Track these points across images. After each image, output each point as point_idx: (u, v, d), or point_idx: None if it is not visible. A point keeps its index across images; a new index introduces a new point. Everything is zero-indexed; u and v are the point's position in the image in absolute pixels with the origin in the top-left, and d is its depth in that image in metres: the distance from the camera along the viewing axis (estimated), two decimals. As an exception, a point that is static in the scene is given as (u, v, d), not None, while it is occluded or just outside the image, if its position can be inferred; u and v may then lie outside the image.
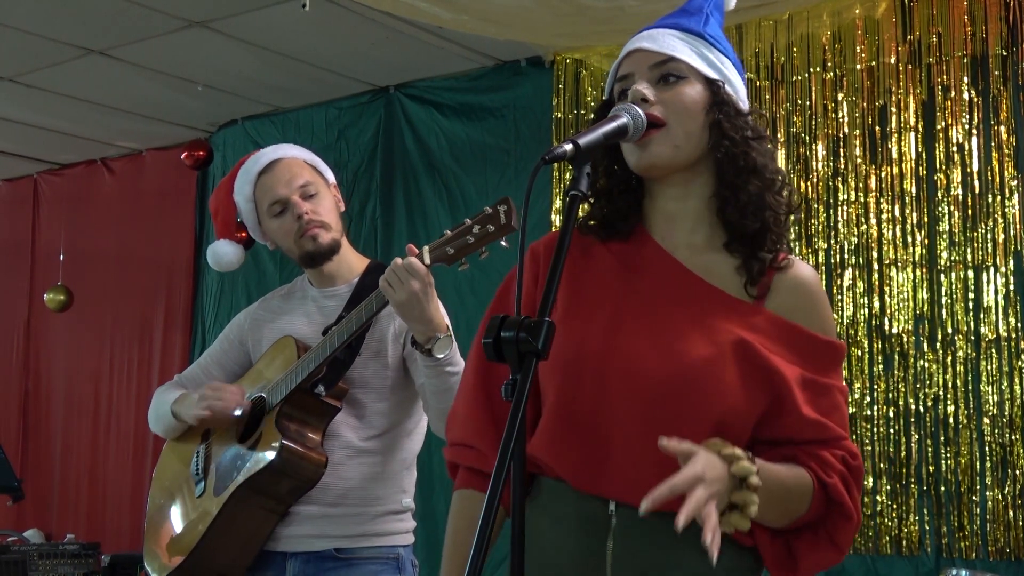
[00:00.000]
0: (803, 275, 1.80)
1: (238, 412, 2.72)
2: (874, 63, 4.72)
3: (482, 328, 1.88)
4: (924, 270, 4.56)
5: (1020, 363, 4.36)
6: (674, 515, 1.53)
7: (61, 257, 7.38)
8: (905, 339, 4.56)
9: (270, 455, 2.61)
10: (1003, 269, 4.41)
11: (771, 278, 1.77)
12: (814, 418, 1.71)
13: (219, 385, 2.79)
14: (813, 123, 4.84)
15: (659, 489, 1.49)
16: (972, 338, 4.44)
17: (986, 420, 4.38)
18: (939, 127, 4.58)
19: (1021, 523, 4.28)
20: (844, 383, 1.80)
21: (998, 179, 4.45)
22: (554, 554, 1.73)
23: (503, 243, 2.36)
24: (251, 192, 2.84)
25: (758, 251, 1.76)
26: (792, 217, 1.82)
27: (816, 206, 4.79)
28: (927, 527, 4.44)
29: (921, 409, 4.50)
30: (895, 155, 4.65)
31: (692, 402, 1.67)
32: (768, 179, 1.77)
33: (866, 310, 4.65)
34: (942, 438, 4.45)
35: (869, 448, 4.55)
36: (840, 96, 4.79)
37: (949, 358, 4.47)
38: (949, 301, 4.50)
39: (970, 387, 4.43)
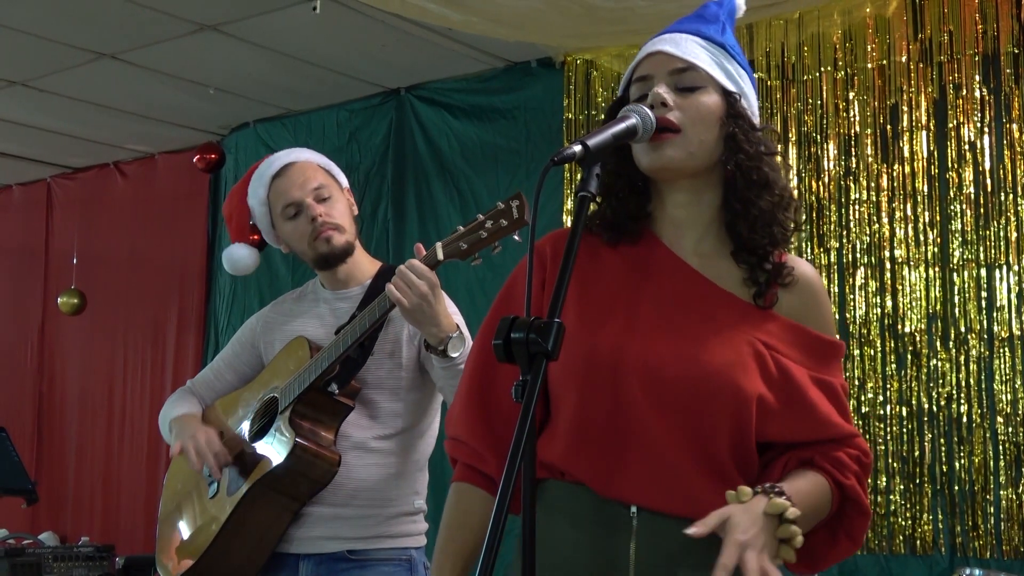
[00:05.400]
0: (805, 275, 1.83)
1: (205, 472, 2.76)
2: (885, 62, 4.71)
3: (483, 328, 1.89)
4: (936, 269, 4.54)
5: (1033, 362, 4.35)
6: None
7: (74, 260, 7.41)
8: (918, 338, 4.55)
9: (284, 454, 2.61)
10: (1016, 267, 4.39)
11: (777, 289, 1.80)
12: (826, 419, 1.75)
13: (204, 440, 2.75)
14: (824, 122, 4.83)
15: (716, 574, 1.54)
16: (985, 337, 4.43)
17: (999, 419, 4.37)
18: (951, 125, 4.56)
19: (1035, 522, 4.27)
20: (843, 378, 1.85)
21: (1010, 177, 4.43)
22: (573, 556, 1.73)
23: (516, 237, 2.38)
24: (265, 195, 2.85)
25: (764, 263, 1.79)
26: (797, 232, 1.87)
27: (828, 205, 4.78)
28: (941, 526, 4.43)
29: (934, 408, 4.49)
30: (907, 154, 4.64)
31: (713, 406, 1.69)
32: (778, 195, 1.79)
33: (878, 309, 4.64)
34: (955, 437, 4.44)
35: (882, 448, 4.54)
36: (851, 95, 4.78)
37: (962, 357, 4.46)
38: (962, 300, 4.48)
39: (983, 386, 4.41)
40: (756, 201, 1.77)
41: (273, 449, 2.67)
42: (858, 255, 4.70)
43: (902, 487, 4.50)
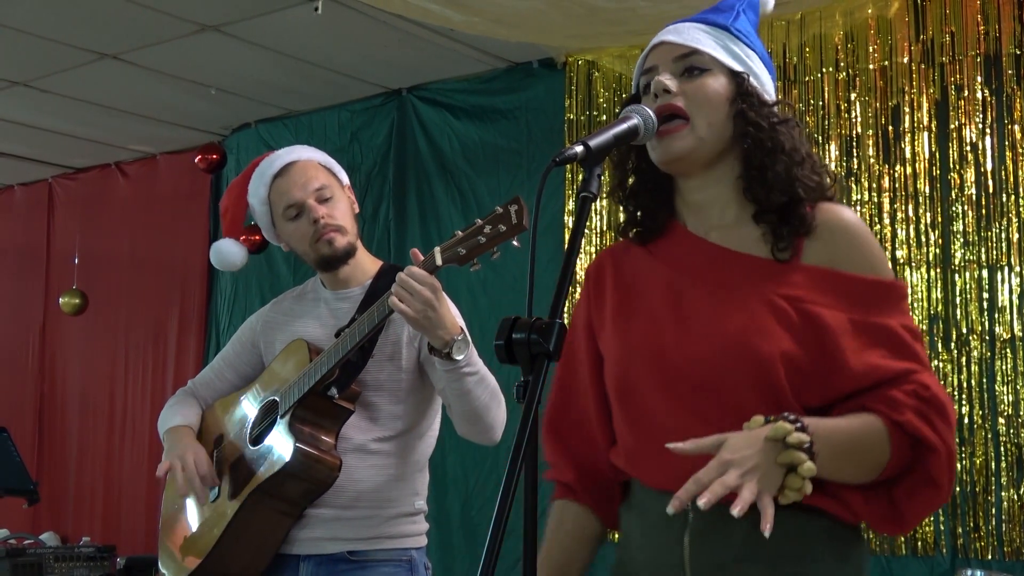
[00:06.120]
0: (838, 217, 1.75)
1: (187, 499, 2.82)
2: (887, 63, 4.70)
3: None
4: (938, 270, 4.54)
5: (1035, 363, 4.34)
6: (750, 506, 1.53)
7: (76, 261, 7.41)
8: (919, 339, 4.54)
9: (284, 458, 2.61)
10: (1017, 268, 4.39)
11: (802, 241, 1.74)
12: (866, 364, 1.65)
13: (192, 462, 2.74)
14: (826, 123, 4.83)
15: (686, 486, 1.50)
16: (987, 338, 4.42)
17: (1001, 420, 4.36)
18: (952, 127, 4.56)
19: (1037, 523, 4.26)
20: (910, 319, 1.72)
21: (1012, 178, 4.43)
22: (639, 553, 1.77)
23: (515, 243, 2.36)
24: (266, 195, 2.83)
25: (789, 218, 1.74)
26: (836, 185, 1.82)
27: (829, 206, 4.78)
28: (942, 528, 4.42)
29: (936, 409, 4.48)
30: (908, 155, 4.64)
31: (735, 376, 1.67)
32: (796, 159, 1.77)
33: (880, 310, 4.62)
34: (957, 438, 4.43)
35: (883, 449, 4.53)
36: (853, 96, 4.78)
37: (964, 358, 4.46)
38: (963, 301, 4.48)
39: (985, 387, 4.41)
40: (772, 166, 1.75)
41: (274, 454, 2.66)
42: (860, 256, 4.69)
43: (903, 488, 4.49)
